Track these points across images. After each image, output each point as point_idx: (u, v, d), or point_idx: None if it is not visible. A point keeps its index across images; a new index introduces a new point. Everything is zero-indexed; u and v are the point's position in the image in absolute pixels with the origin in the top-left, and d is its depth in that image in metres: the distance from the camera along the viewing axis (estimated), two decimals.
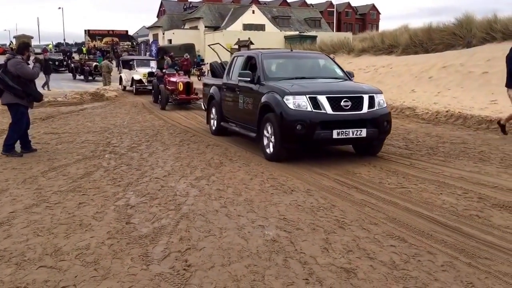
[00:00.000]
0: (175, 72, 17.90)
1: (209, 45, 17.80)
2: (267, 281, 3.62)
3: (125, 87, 23.36)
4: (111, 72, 25.45)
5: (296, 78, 8.35)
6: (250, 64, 9.26)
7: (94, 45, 51.40)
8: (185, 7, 67.90)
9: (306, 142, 7.45)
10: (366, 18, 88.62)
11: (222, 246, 4.28)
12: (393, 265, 3.87)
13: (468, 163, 7.38)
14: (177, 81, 16.24)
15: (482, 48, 16.69)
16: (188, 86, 16.07)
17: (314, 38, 37.31)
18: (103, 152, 8.44)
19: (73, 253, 4.11)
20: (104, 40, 53.30)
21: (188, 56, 27.57)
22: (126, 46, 50.33)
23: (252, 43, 29.84)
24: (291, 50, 10.09)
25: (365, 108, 7.47)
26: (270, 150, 7.81)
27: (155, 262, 3.93)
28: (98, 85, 24.48)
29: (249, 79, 8.52)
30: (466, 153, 8.19)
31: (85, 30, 55.51)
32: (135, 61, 23.52)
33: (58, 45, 58.42)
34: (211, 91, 10.63)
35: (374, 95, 7.68)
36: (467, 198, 5.62)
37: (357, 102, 7.45)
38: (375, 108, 7.58)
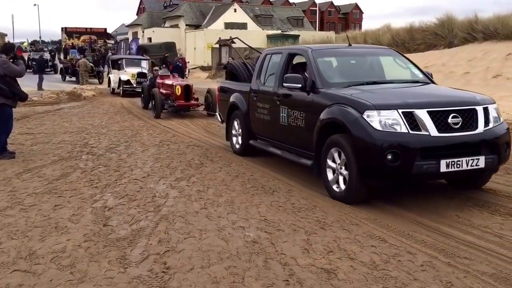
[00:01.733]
0: (169, 74, 16.05)
1: (221, 41, 14.96)
2: (247, 283, 3.58)
3: (113, 89, 21.30)
4: (89, 71, 24.96)
5: (367, 84, 6.24)
6: (292, 64, 7.24)
7: (72, 43, 50.65)
8: (165, 5, 67.39)
9: (401, 178, 5.32)
10: (349, 18, 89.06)
11: (202, 248, 4.23)
12: (373, 265, 3.85)
13: None
14: (174, 84, 14.00)
15: (463, 48, 16.91)
16: (187, 90, 13.84)
17: (296, 37, 37.40)
18: (80, 153, 8.30)
19: (48, 256, 4.01)
20: (82, 38, 52.48)
21: (183, 55, 26.26)
22: (110, 44, 49.48)
23: (233, 42, 29.76)
24: (350, 45, 7.25)
25: (480, 126, 5.30)
26: (340, 188, 5.62)
27: (133, 265, 3.86)
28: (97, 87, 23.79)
29: (299, 85, 6.28)
30: None
31: (62, 28, 54.59)
32: (124, 60, 21.71)
33: (33, 43, 57.21)
34: (232, 99, 8.35)
35: (488, 106, 5.53)
36: (449, 198, 5.66)
37: (469, 118, 5.28)
38: (491, 126, 5.41)
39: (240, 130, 8.24)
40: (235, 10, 52.30)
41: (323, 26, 65.01)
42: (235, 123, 8.35)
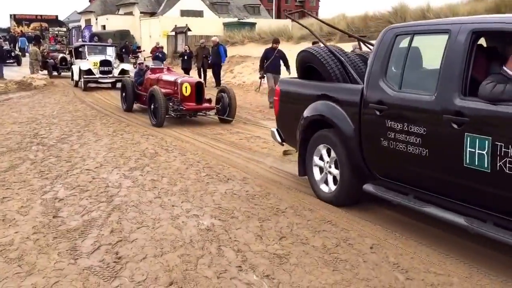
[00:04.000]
0: (162, 66, 12.58)
1: (288, 13, 9.89)
2: (200, 270, 3.59)
3: (77, 82, 18.10)
4: (40, 59, 23.93)
5: None
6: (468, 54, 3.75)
7: (21, 31, 48.71)
8: None
9: None
10: (306, 5, 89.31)
11: (155, 237, 4.20)
12: (324, 249, 3.94)
13: None
14: (179, 81, 10.46)
15: None
16: (199, 89, 10.43)
17: (253, 25, 37.26)
18: (30, 144, 8.05)
19: None
20: (32, 25, 50.55)
21: (160, 44, 22.71)
22: (62, 32, 47.47)
23: (189, 30, 29.34)
24: None
25: None
26: None
27: (84, 256, 3.80)
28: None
29: None
30: None
31: (10, 15, 52.45)
32: (86, 47, 18.55)
33: None
34: (313, 111, 5.23)
35: None
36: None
37: None
38: None
39: (335, 165, 5.02)
40: None
41: (280, 14, 64.95)
42: (322, 151, 5.20)
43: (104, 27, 46.06)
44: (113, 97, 15.22)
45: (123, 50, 25.54)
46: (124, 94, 12.18)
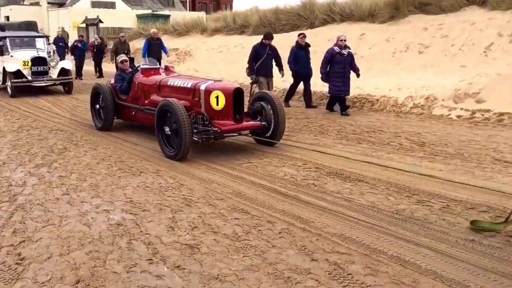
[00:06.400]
0: (158, 66, 8.73)
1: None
2: (109, 266, 3.54)
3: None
4: None
5: None
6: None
7: None
8: None
9: None
10: None
11: (62, 235, 4.08)
12: (235, 236, 4.01)
13: (309, 136, 7.91)
14: (203, 87, 6.83)
15: (323, 29, 17.79)
16: (238, 99, 6.81)
17: (167, 17, 36.69)
18: None
19: None
20: None
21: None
22: None
23: (101, 21, 28.39)
24: None
25: None
26: None
27: None
28: None
29: None
30: (308, 127, 8.76)
31: None
32: (7, 40, 14.23)
33: None
34: None
35: None
36: (305, 168, 6.03)
37: None
38: None
39: None
40: None
41: (195, 6, 64.28)
42: None
43: (7, 18, 43.27)
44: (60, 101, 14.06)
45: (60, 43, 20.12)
46: (97, 106, 8.71)
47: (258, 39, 20.08)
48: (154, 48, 14.80)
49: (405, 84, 11.27)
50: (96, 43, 18.79)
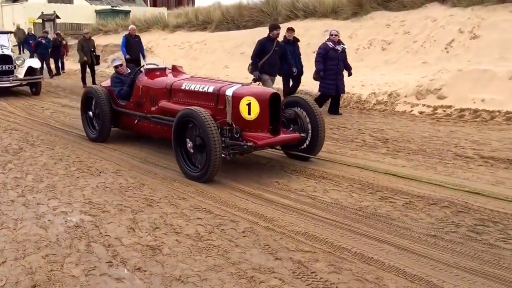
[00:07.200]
0: (164, 66, 7.38)
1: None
2: (66, 269, 3.41)
3: None
4: None
5: None
6: None
7: None
8: None
9: None
10: None
11: (17, 238, 3.91)
12: (198, 237, 3.94)
13: None
14: (230, 92, 5.72)
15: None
16: (275, 107, 5.76)
17: (127, 13, 36.05)
18: None
19: None
20: None
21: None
22: None
23: (58, 17, 27.59)
24: None
25: None
26: None
27: None
28: None
29: None
30: None
31: None
32: None
33: None
34: None
35: None
36: (269, 166, 6.00)
37: None
38: None
39: None
40: None
41: (156, 2, 63.45)
42: None
43: None
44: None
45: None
46: (90, 113, 7.57)
47: (220, 35, 19.91)
48: (133, 46, 13.37)
49: (369, 81, 11.41)
50: (42, 40, 17.42)
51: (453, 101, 9.21)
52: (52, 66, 18.13)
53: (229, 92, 5.71)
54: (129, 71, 7.45)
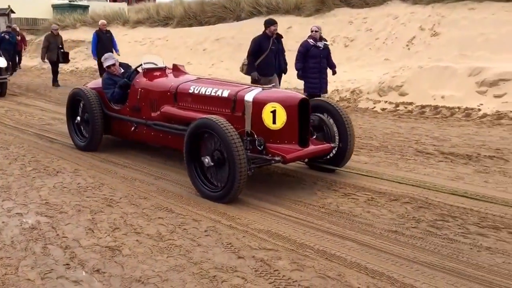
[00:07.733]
0: (163, 66, 6.45)
1: None
2: (22, 273, 3.28)
3: None
4: None
5: None
6: None
7: None
8: None
9: None
10: None
11: None
12: (159, 236, 3.86)
13: None
14: (250, 98, 4.95)
15: (250, 22, 17.79)
16: (304, 115, 4.95)
17: (86, 8, 35.19)
18: None
19: None
20: None
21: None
22: None
23: (13, 12, 26.64)
24: None
25: None
26: None
27: None
28: None
29: None
30: None
31: None
32: None
33: None
34: None
35: None
36: None
37: None
38: None
39: None
40: None
41: None
42: None
43: None
44: None
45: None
46: (78, 119, 6.74)
47: (182, 32, 19.62)
48: (105, 43, 12.60)
49: (331, 78, 11.46)
50: (6, 35, 16.19)
51: (414, 98, 9.38)
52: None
53: (248, 97, 4.96)
54: (122, 70, 6.75)
